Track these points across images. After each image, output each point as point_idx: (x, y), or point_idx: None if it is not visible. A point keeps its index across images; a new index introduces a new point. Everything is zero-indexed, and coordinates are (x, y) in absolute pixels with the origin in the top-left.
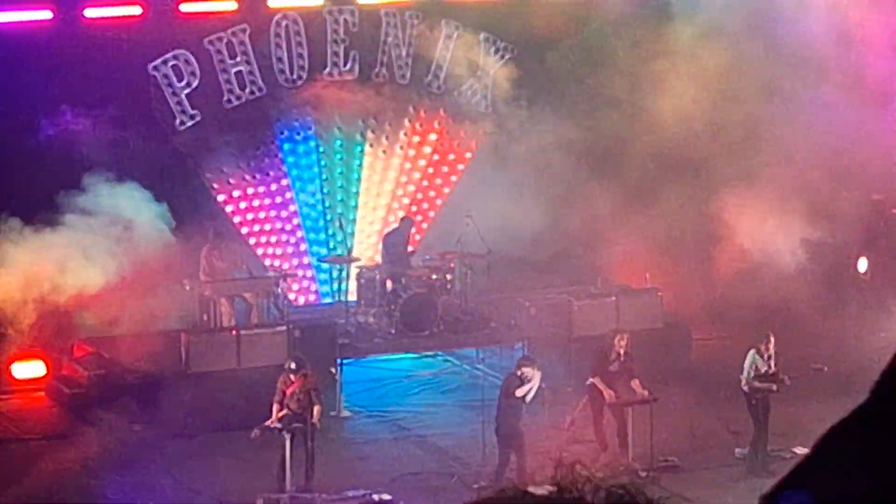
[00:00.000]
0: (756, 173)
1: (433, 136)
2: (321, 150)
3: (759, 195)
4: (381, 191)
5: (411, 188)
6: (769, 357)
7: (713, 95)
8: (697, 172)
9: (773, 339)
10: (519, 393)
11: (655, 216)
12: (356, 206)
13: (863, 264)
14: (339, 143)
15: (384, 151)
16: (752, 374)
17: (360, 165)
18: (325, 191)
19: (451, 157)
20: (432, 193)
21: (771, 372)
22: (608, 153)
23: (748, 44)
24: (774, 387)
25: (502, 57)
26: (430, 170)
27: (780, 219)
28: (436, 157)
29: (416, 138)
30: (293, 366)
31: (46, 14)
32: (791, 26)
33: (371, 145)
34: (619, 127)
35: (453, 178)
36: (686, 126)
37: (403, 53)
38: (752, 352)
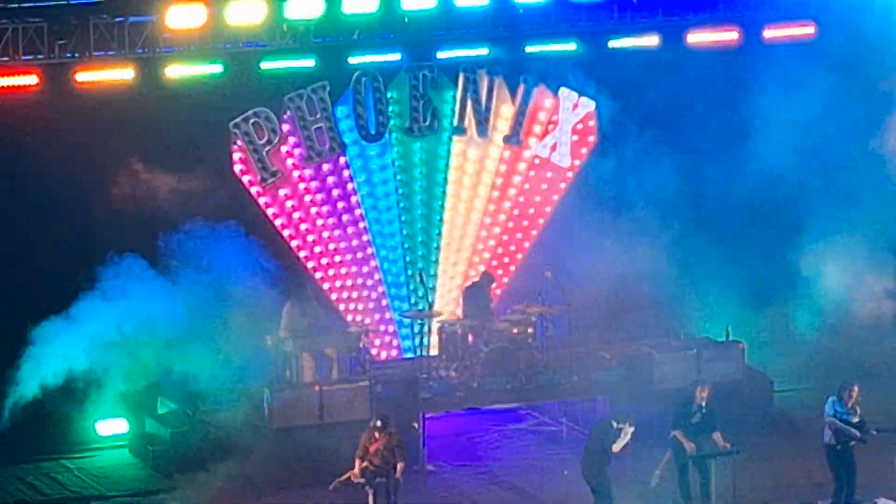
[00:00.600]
0: (843, 223)
1: (517, 179)
2: (401, 205)
3: (846, 245)
4: (462, 245)
5: (492, 242)
6: (853, 406)
7: (800, 142)
8: (784, 222)
9: (857, 388)
10: (616, 448)
11: (739, 266)
12: (437, 261)
13: None
14: (419, 198)
15: (466, 203)
16: (834, 416)
17: (441, 220)
18: (405, 245)
19: (532, 210)
20: (513, 248)
21: (855, 421)
22: (689, 203)
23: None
24: (858, 434)
25: (580, 110)
26: (511, 224)
27: (866, 270)
28: (521, 199)
29: (499, 181)
30: (379, 424)
31: (129, 73)
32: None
33: (453, 197)
34: (703, 176)
35: (534, 233)
36: (772, 176)
37: (483, 108)
38: (832, 398)
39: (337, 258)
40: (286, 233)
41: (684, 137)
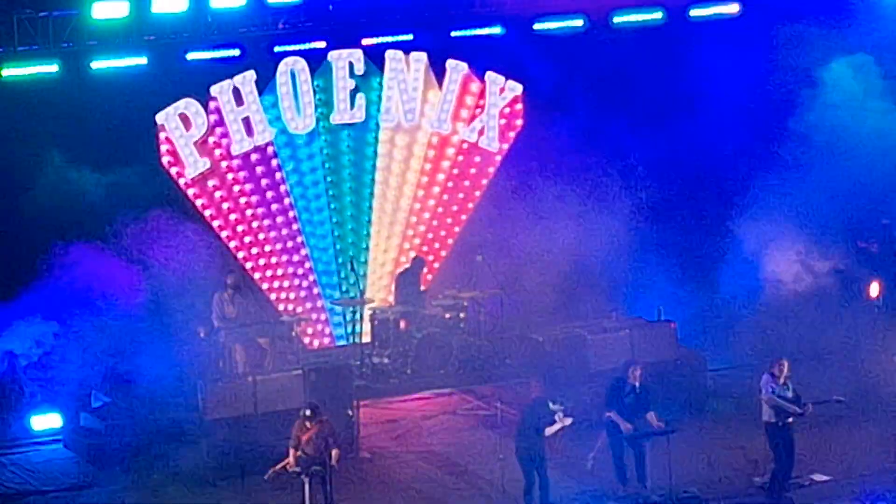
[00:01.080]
0: (779, 200)
1: (446, 164)
2: (331, 193)
3: (782, 224)
4: (392, 232)
5: (422, 228)
6: (785, 381)
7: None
8: (719, 200)
9: (786, 364)
10: (548, 432)
11: (673, 245)
12: (367, 248)
13: (874, 289)
14: (348, 185)
15: (395, 189)
16: (772, 392)
17: (370, 207)
18: (335, 233)
19: (461, 195)
20: (443, 233)
21: (790, 396)
22: (621, 183)
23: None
24: (798, 410)
25: (507, 94)
26: (440, 209)
27: (791, 245)
28: (450, 184)
29: (427, 166)
30: (308, 413)
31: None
32: None
33: (381, 184)
34: (634, 155)
35: (464, 217)
36: (704, 154)
37: (409, 95)
38: (765, 376)
39: (267, 247)
40: (216, 224)
41: (614, 118)
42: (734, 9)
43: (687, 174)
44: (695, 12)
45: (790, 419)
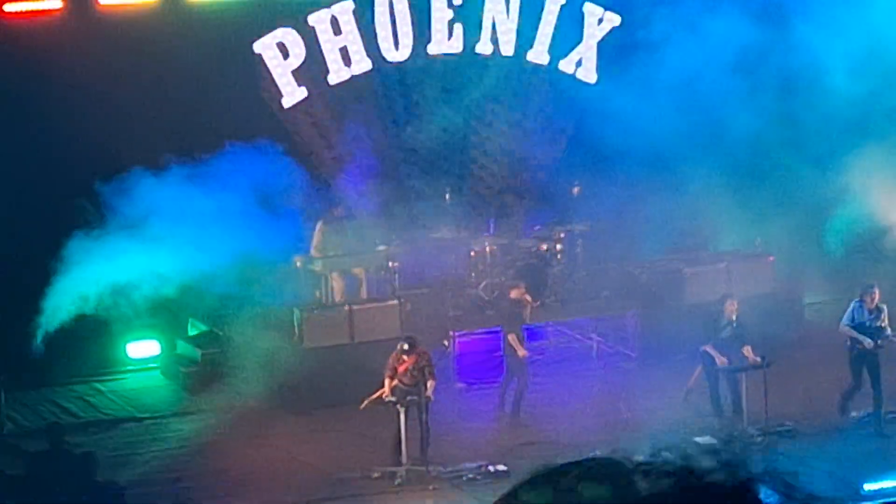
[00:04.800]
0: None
1: (542, 95)
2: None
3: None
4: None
5: (517, 159)
6: (874, 310)
7: None
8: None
9: (877, 291)
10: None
11: (769, 182)
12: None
13: None
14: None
15: (489, 122)
16: (850, 323)
17: (466, 138)
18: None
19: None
20: (536, 164)
21: (876, 325)
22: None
23: None
24: (869, 340)
25: (604, 26)
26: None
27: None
28: (545, 116)
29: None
30: (406, 346)
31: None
32: None
33: (475, 123)
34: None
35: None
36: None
37: (508, 26)
38: (853, 302)
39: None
40: (318, 152)
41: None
42: None
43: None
44: None
45: (877, 347)
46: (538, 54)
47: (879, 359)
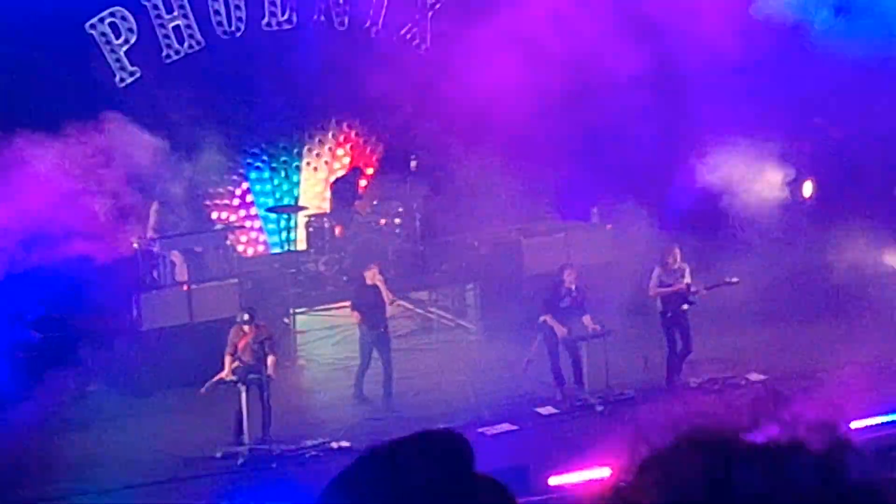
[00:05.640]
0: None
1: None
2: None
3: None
4: (326, 139)
5: (354, 133)
6: (676, 270)
7: None
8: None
9: (678, 252)
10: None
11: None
12: (301, 155)
13: (807, 188)
14: None
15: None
16: (656, 285)
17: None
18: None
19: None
20: (375, 138)
21: (679, 285)
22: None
23: None
24: (690, 299)
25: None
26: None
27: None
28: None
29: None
30: (246, 317)
31: None
32: None
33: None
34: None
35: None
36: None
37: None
38: (657, 267)
39: None
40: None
41: None
42: None
43: None
44: None
45: (683, 306)
46: (374, 24)
47: (688, 320)
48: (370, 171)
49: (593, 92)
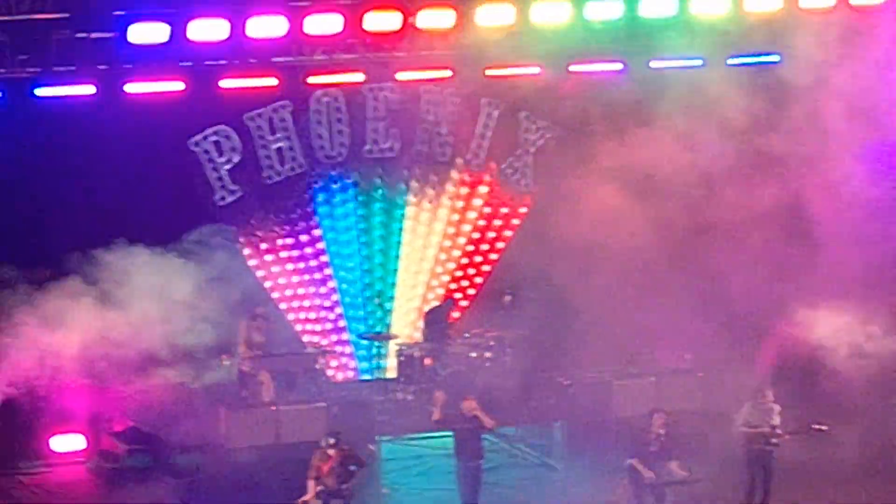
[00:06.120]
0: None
1: (478, 202)
2: (361, 226)
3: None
4: (421, 268)
5: (451, 265)
6: (767, 411)
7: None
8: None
9: (769, 394)
10: None
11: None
12: (395, 284)
13: None
14: (378, 219)
15: (425, 225)
16: (743, 425)
17: (399, 242)
18: (364, 267)
19: (491, 234)
20: (472, 271)
21: (766, 428)
22: (646, 229)
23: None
24: (773, 441)
25: (542, 135)
26: (470, 247)
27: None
28: (481, 222)
29: (459, 203)
30: (331, 441)
31: (90, 89)
32: None
33: (412, 219)
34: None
35: (493, 256)
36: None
37: (443, 131)
38: (747, 404)
39: (294, 278)
40: (245, 252)
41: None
42: None
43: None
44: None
45: (768, 447)
46: (474, 160)
47: (774, 464)
48: (465, 303)
49: (702, 234)
